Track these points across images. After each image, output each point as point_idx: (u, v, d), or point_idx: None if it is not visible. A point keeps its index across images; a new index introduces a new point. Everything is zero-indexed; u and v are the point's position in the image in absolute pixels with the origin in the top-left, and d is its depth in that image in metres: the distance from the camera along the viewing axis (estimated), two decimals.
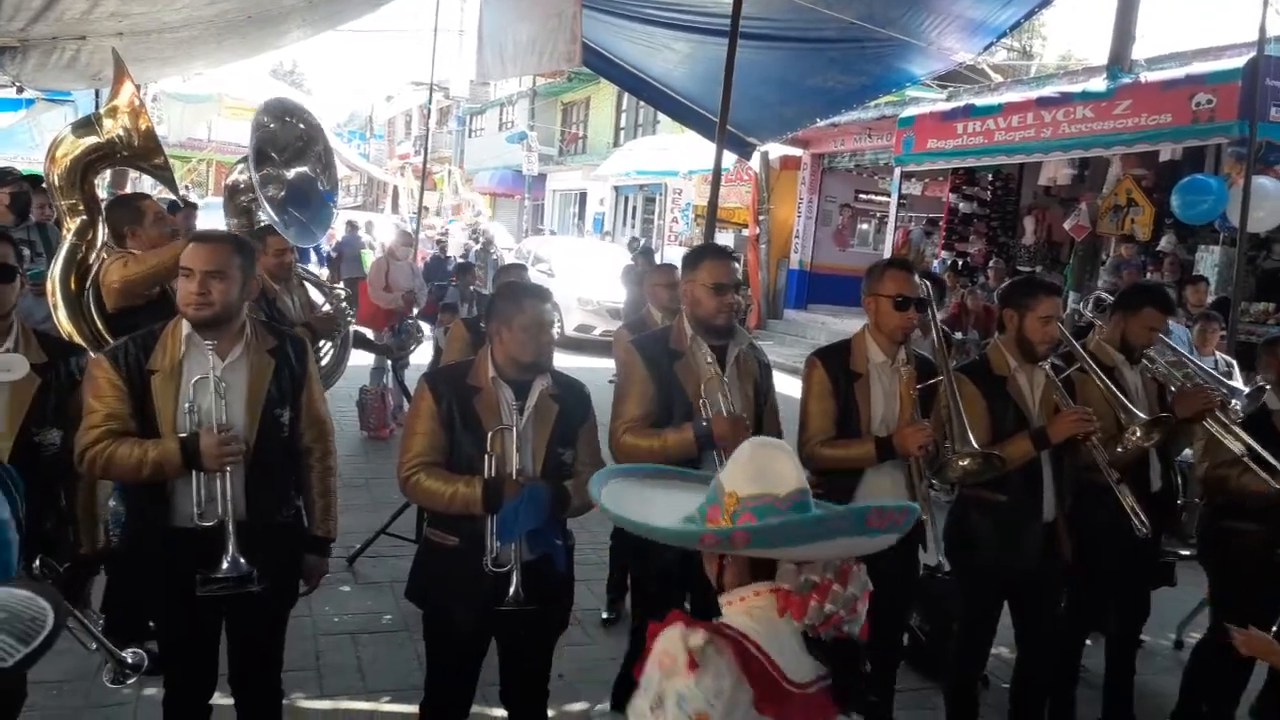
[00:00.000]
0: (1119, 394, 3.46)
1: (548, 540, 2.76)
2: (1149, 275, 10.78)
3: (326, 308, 4.77)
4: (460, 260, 11.28)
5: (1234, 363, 6.36)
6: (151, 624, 3.79)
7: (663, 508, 1.77)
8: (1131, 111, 10.61)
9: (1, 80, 7.22)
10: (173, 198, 7.63)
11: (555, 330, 2.96)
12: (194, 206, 6.48)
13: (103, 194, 4.64)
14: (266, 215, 4.06)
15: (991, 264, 12.84)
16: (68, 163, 4.08)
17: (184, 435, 2.51)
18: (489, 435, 2.74)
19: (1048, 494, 3.40)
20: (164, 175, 4.22)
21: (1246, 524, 3.61)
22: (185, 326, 2.62)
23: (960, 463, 3.16)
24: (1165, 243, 11.27)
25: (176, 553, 2.58)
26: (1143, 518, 3.39)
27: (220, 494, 2.56)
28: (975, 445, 3.14)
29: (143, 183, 11.72)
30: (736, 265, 3.28)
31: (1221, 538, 3.70)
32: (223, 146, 23.98)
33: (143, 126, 3.88)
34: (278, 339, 2.79)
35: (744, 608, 1.67)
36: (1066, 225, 12.78)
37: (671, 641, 1.59)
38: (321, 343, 4.44)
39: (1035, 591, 3.44)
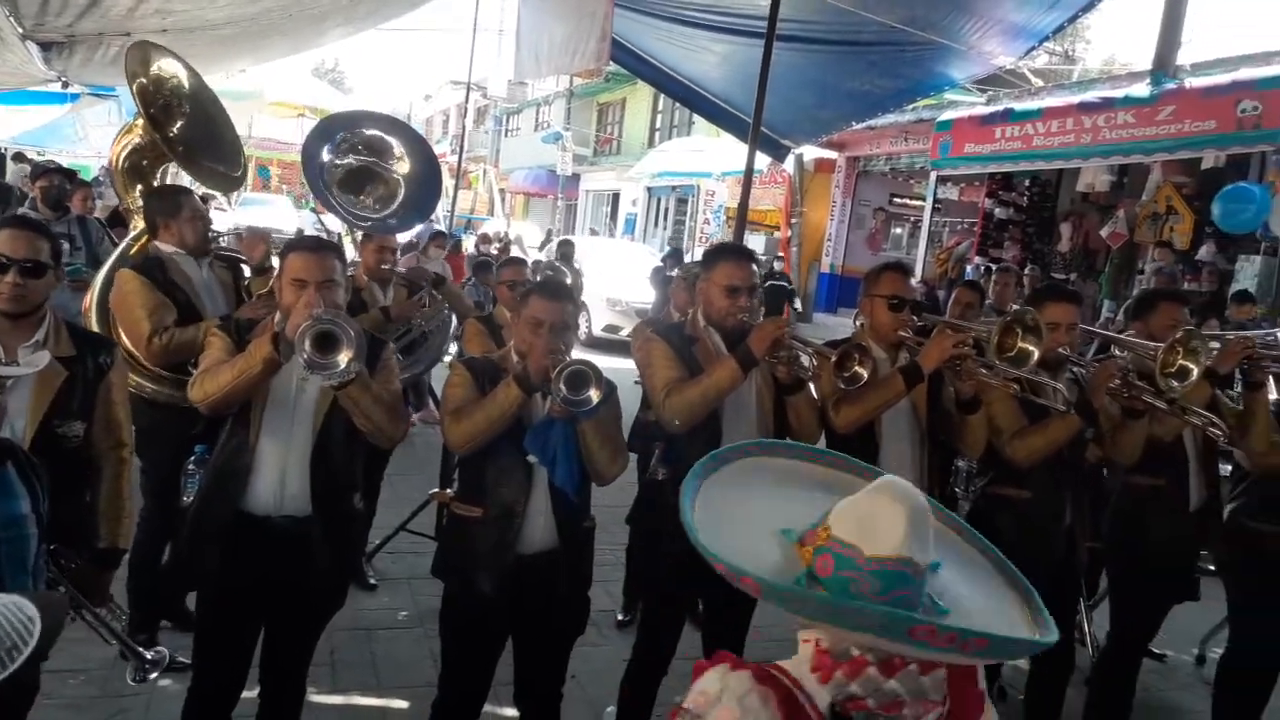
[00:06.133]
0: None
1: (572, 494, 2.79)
2: (1186, 285, 10.62)
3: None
4: (479, 259, 11.40)
5: None
6: (166, 622, 3.86)
7: (766, 509, 1.49)
8: (1175, 118, 10.44)
9: (48, 75, 7.33)
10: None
11: (583, 330, 3.00)
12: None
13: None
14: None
15: (1026, 271, 12.69)
16: (125, 157, 4.13)
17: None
18: None
19: (1068, 495, 3.36)
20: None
21: (1275, 525, 3.58)
22: (279, 315, 2.78)
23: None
24: (1204, 252, 11.08)
25: (240, 537, 2.69)
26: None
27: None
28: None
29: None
30: (755, 268, 3.25)
31: (1249, 540, 3.65)
32: (263, 143, 24.20)
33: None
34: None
35: (807, 651, 1.41)
36: (1104, 233, 12.60)
37: (710, 682, 1.39)
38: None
39: (1051, 598, 3.35)
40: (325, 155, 4.15)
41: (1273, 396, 3.59)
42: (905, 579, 1.33)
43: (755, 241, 18.74)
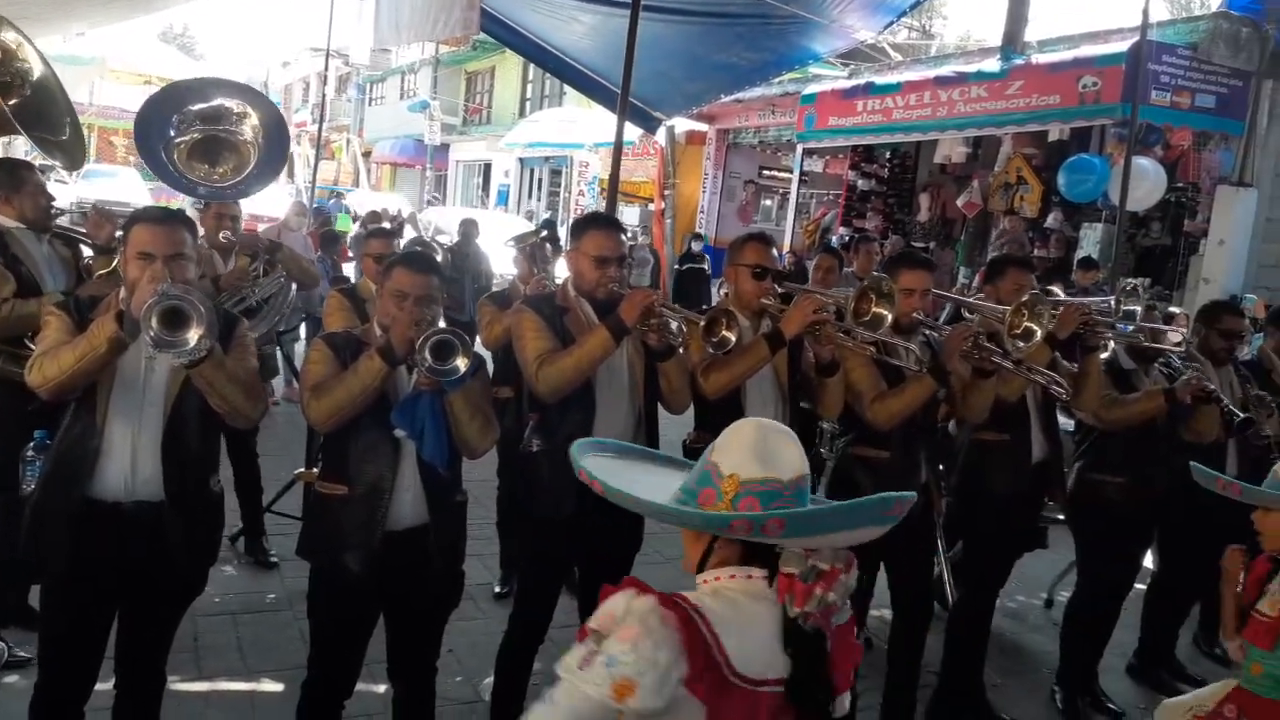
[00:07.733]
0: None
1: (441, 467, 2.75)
2: (1036, 251, 11.20)
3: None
4: (324, 230, 11.02)
5: None
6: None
7: (648, 486, 1.66)
8: (1023, 92, 10.94)
9: None
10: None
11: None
12: None
13: None
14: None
15: (888, 240, 13.13)
16: None
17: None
18: None
19: (923, 454, 3.52)
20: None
21: (1114, 476, 3.86)
22: (124, 291, 2.61)
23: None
24: (1052, 220, 11.70)
25: (88, 525, 2.54)
26: None
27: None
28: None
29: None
30: (624, 238, 3.26)
31: (1092, 491, 3.92)
32: (105, 111, 22.80)
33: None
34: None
35: (713, 588, 1.58)
36: (959, 202, 13.13)
37: (616, 604, 1.52)
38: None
39: (910, 551, 3.51)
40: (169, 133, 3.92)
41: (1104, 356, 3.85)
42: (807, 493, 1.57)
43: (630, 214, 18.82)
